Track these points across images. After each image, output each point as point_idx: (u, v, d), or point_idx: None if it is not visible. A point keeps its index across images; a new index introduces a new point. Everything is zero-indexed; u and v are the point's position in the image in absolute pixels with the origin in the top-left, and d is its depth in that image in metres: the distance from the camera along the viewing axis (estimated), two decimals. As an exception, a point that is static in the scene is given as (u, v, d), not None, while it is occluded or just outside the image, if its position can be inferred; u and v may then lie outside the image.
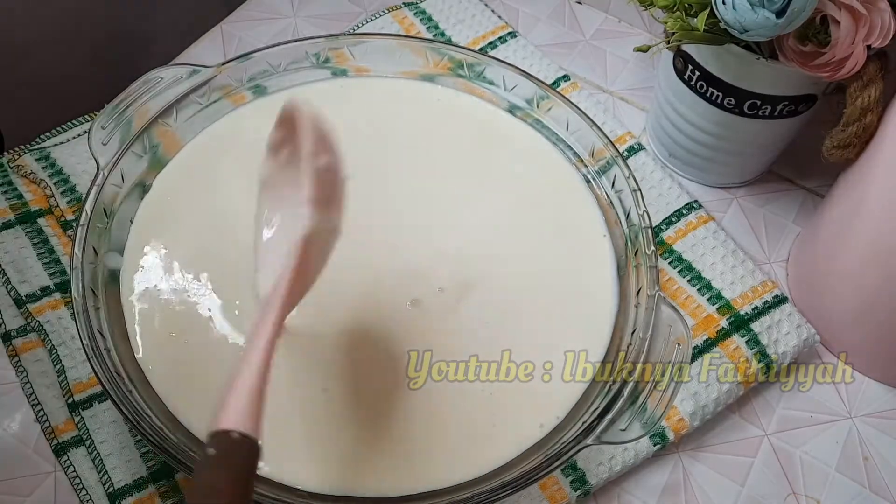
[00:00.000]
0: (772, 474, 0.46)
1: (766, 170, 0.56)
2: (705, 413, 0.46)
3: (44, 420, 0.45)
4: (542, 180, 0.50)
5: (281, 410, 0.42)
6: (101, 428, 0.44)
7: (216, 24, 0.62)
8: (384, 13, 0.61)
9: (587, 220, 0.49)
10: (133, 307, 0.44)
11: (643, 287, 0.44)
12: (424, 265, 0.47)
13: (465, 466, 0.41)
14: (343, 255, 0.47)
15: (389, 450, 0.42)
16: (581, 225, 0.49)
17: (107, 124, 0.47)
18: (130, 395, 0.40)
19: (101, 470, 0.43)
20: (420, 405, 0.43)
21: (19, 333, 0.47)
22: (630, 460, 0.45)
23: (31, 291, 0.48)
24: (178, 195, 0.48)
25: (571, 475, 0.44)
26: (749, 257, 0.51)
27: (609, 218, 0.48)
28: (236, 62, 0.51)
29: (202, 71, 0.50)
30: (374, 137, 0.51)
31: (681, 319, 0.42)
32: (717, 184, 0.56)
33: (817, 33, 0.43)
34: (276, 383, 0.43)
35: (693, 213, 0.52)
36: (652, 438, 0.45)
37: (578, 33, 0.63)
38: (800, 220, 0.55)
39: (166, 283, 0.45)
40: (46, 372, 0.46)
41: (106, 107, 0.47)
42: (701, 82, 0.49)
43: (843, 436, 0.47)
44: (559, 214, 0.49)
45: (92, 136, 0.46)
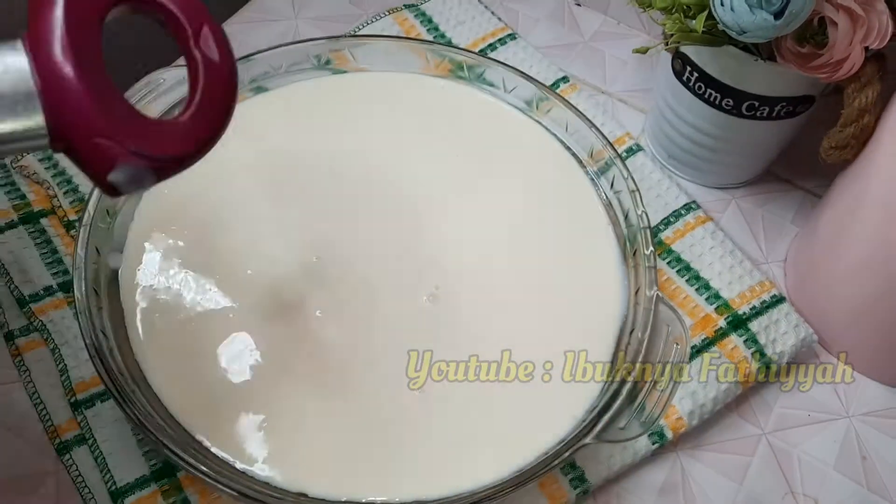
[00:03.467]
0: (770, 473, 0.46)
1: (764, 170, 0.56)
2: (703, 412, 0.46)
3: (46, 419, 0.45)
4: (547, 177, 0.51)
5: (285, 415, 0.42)
6: (103, 427, 0.45)
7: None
8: (385, 15, 0.61)
9: (593, 218, 0.49)
10: (134, 306, 0.45)
11: (642, 287, 0.44)
12: (422, 264, 0.47)
13: (472, 474, 0.41)
14: (342, 254, 0.47)
15: (390, 454, 0.42)
16: (587, 223, 0.49)
17: None
18: (133, 394, 0.41)
19: (103, 469, 0.44)
20: (424, 409, 0.43)
21: (22, 333, 0.48)
22: (629, 459, 0.45)
23: (33, 291, 0.49)
24: (179, 193, 0.48)
25: (570, 473, 0.44)
26: (747, 257, 0.52)
27: (608, 218, 0.49)
28: (237, 64, 0.51)
29: (203, 72, 0.50)
30: (377, 131, 0.51)
31: (679, 319, 0.42)
32: (716, 184, 0.56)
33: (815, 35, 0.43)
34: (277, 386, 0.43)
35: (691, 213, 0.52)
36: (650, 437, 0.45)
37: (577, 35, 0.63)
38: (798, 221, 0.55)
39: (167, 280, 0.45)
40: (49, 371, 0.46)
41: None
42: (699, 84, 0.49)
43: (841, 435, 0.48)
44: (564, 212, 0.50)
45: None
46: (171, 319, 0.44)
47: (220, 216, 0.48)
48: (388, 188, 0.49)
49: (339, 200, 0.49)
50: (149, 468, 0.44)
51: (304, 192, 0.49)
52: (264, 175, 0.49)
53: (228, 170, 0.48)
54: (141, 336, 0.44)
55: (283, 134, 0.51)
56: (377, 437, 0.42)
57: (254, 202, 0.48)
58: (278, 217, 0.48)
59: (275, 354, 0.44)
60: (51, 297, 0.48)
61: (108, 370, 0.40)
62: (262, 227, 0.48)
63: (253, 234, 0.47)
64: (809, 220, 0.53)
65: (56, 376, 0.46)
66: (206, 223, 0.48)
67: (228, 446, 0.41)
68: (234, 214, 0.47)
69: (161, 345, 0.44)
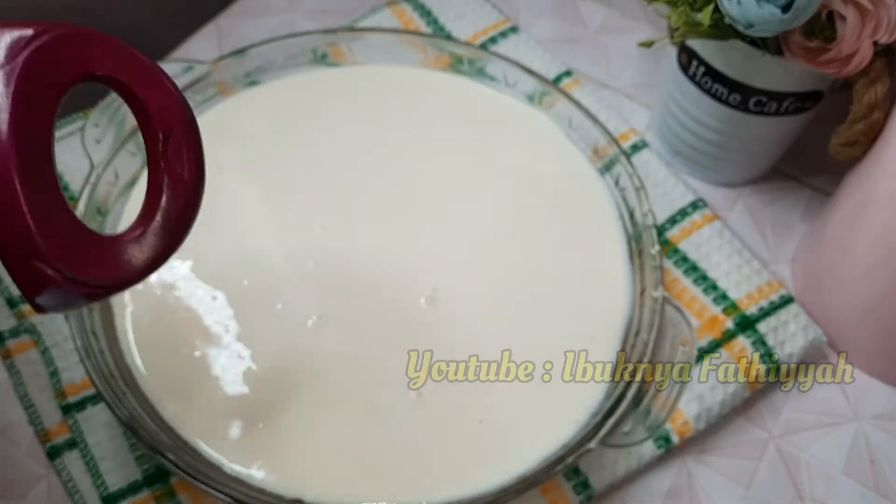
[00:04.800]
0: (778, 478, 0.45)
1: (771, 168, 0.55)
2: (710, 416, 0.45)
3: (37, 422, 0.44)
4: (550, 172, 0.50)
5: (281, 419, 0.41)
6: (95, 430, 0.44)
7: (211, 19, 0.61)
8: (382, 8, 0.60)
9: (598, 216, 0.48)
10: (124, 308, 0.43)
11: (647, 288, 0.43)
12: (420, 264, 0.46)
13: (472, 480, 0.40)
14: (339, 258, 0.46)
15: (389, 459, 0.41)
16: (592, 220, 0.48)
17: (100, 122, 0.46)
18: (125, 396, 0.40)
19: (95, 473, 0.43)
20: (423, 413, 0.42)
21: (12, 335, 0.47)
22: (634, 464, 0.44)
23: (24, 291, 0.48)
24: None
25: (573, 479, 0.43)
26: (755, 256, 0.50)
27: (614, 216, 0.48)
28: (231, 58, 0.50)
29: (196, 67, 0.49)
30: (374, 127, 0.50)
31: (685, 321, 0.41)
32: (722, 182, 0.55)
33: (823, 29, 0.42)
34: (273, 390, 0.42)
35: (698, 211, 0.51)
36: (656, 442, 0.44)
37: (582, 28, 0.62)
38: (806, 219, 0.54)
39: (158, 282, 0.44)
40: (39, 374, 0.45)
41: (99, 104, 0.46)
42: (706, 78, 0.48)
43: (850, 438, 0.47)
44: (568, 209, 0.48)
45: (85, 134, 0.46)
46: (162, 322, 0.43)
47: (211, 217, 0.47)
48: (386, 186, 0.48)
49: (335, 200, 0.48)
50: (141, 473, 0.43)
51: (299, 193, 0.48)
52: (258, 174, 0.48)
53: (220, 170, 0.47)
54: (131, 339, 0.43)
55: (276, 131, 0.50)
56: (376, 441, 0.41)
57: (247, 203, 0.47)
58: (273, 218, 0.47)
59: (271, 357, 0.43)
60: (42, 298, 0.47)
61: (99, 372, 0.39)
62: (257, 229, 0.47)
63: (246, 235, 0.46)
64: (818, 218, 0.52)
65: (47, 379, 0.45)
66: (198, 223, 0.47)
67: (222, 450, 0.40)
68: (226, 215, 0.46)
69: (152, 348, 0.43)
